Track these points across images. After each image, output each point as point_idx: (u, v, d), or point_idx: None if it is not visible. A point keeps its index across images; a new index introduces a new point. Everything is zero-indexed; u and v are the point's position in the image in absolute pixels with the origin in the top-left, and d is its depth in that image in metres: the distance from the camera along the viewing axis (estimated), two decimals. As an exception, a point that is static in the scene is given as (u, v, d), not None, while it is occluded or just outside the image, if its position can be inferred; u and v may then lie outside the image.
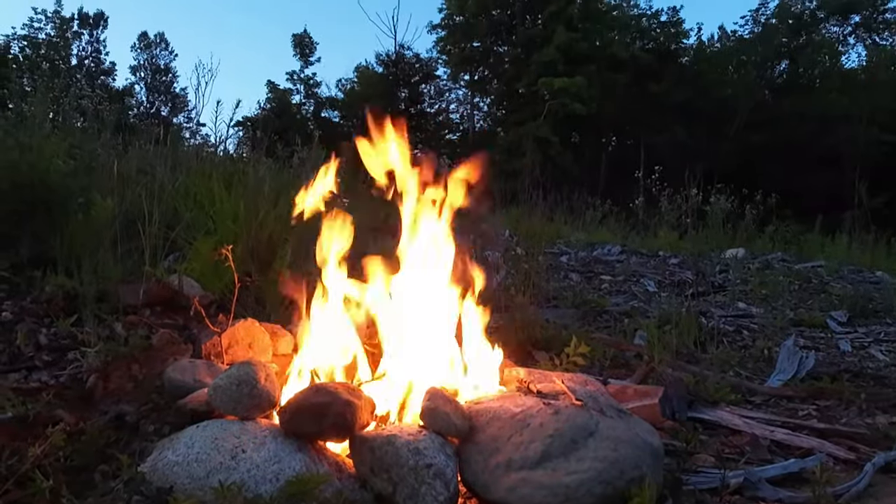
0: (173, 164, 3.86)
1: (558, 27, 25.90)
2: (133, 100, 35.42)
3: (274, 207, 3.54)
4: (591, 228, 10.14)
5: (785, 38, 27.89)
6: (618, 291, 5.68)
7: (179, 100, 37.18)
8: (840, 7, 27.92)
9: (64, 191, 2.87)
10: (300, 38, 33.56)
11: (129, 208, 3.11)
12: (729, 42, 30.03)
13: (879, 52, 28.06)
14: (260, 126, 11.82)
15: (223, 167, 4.45)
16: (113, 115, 4.26)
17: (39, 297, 2.77)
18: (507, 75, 28.79)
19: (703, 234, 8.90)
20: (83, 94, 4.14)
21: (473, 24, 28.89)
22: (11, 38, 31.96)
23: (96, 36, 36.53)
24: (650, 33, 29.43)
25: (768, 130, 23.98)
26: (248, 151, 6.31)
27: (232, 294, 2.47)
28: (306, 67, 33.88)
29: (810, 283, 6.26)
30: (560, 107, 23.91)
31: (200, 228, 3.42)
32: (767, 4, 28.99)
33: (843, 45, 29.42)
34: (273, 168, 4.65)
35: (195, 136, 22.69)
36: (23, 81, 4.79)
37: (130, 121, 12.32)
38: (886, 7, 27.86)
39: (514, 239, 7.13)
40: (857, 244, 8.88)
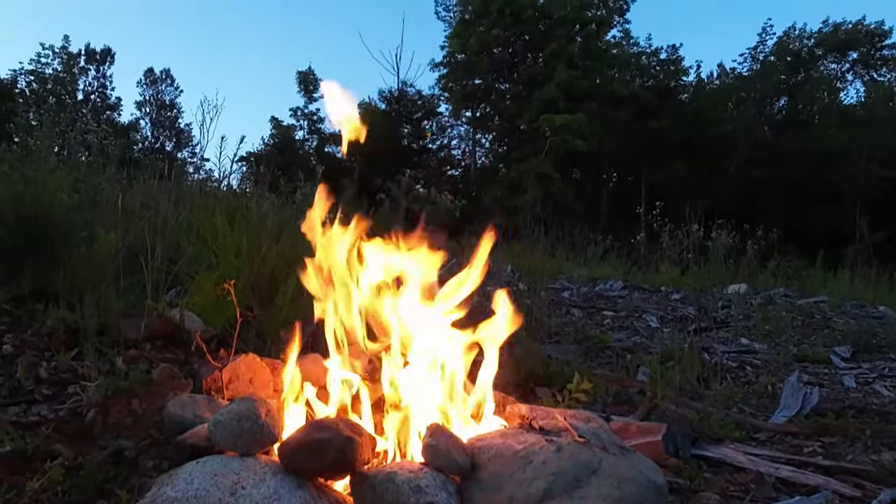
0: (177, 198, 3.88)
1: (559, 65, 26.19)
2: (138, 135, 35.75)
3: (276, 242, 3.55)
4: (593, 264, 10.14)
5: (783, 75, 28.17)
6: (620, 327, 5.66)
7: (184, 135, 37.52)
8: (838, 44, 28.24)
9: (67, 224, 2.89)
10: (304, 75, 33.93)
11: (133, 242, 3.12)
12: (728, 79, 30.32)
13: (878, 89, 28.30)
14: (263, 161, 11.88)
15: (226, 202, 4.47)
16: (118, 150, 4.30)
17: (41, 331, 2.77)
18: (509, 112, 29.02)
19: (704, 269, 8.91)
20: (89, 128, 4.18)
21: (475, 62, 29.20)
22: (19, 72, 32.43)
23: (103, 71, 36.98)
24: (650, 71, 29.73)
25: (769, 166, 24.09)
26: (252, 187, 6.34)
27: (233, 329, 2.47)
28: (310, 104, 34.20)
29: (813, 318, 6.24)
30: (561, 143, 24.05)
31: (203, 263, 3.43)
32: (765, 42, 29.36)
33: (842, 81, 29.71)
34: (276, 203, 4.67)
35: (199, 171, 22.72)
36: (29, 115, 4.85)
37: (135, 155, 12.41)
38: (883, 44, 28.18)
39: (517, 274, 7.14)
40: (859, 279, 8.85)
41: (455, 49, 29.80)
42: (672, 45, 29.64)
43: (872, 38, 28.12)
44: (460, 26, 29.98)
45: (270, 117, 33.97)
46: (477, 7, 28.47)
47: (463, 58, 29.73)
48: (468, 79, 30.09)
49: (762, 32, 29.37)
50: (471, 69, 29.59)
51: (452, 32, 30.40)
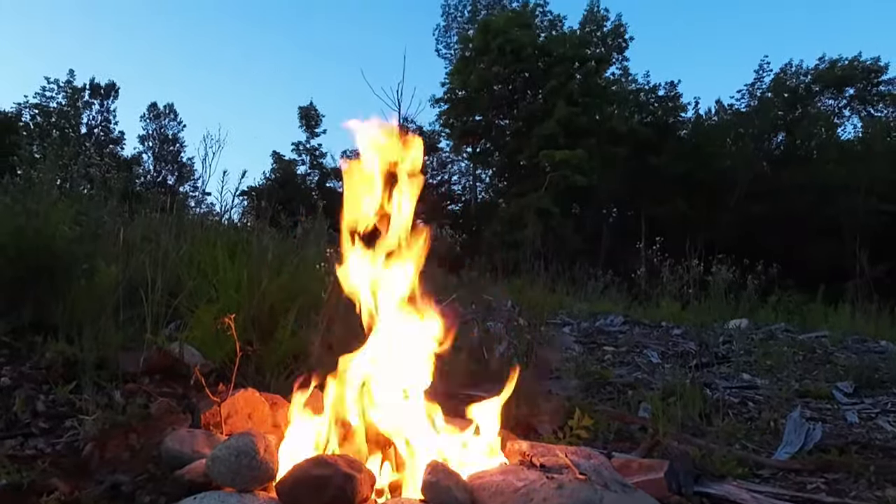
0: (178, 232, 3.89)
1: (559, 102, 26.45)
2: (140, 168, 35.97)
3: (277, 276, 3.56)
4: (594, 299, 10.12)
5: (781, 111, 28.42)
6: (621, 363, 5.63)
7: (186, 169, 37.74)
8: (834, 80, 28.54)
9: (68, 257, 2.89)
10: (306, 110, 34.27)
11: (133, 275, 3.12)
12: (726, 115, 30.59)
13: (875, 124, 28.53)
14: (265, 196, 11.92)
15: (227, 236, 4.48)
16: (120, 183, 4.32)
17: (39, 363, 2.76)
18: (509, 148, 29.24)
19: (705, 304, 8.89)
20: (92, 162, 4.21)
21: (475, 99, 29.50)
22: (23, 105, 32.74)
23: (107, 106, 37.31)
24: (648, 107, 30.02)
25: (768, 201, 24.18)
26: (253, 221, 6.36)
27: (232, 363, 2.46)
28: (312, 139, 34.50)
29: (815, 353, 6.21)
30: (561, 179, 24.19)
31: (203, 296, 3.42)
32: (763, 79, 29.68)
33: (839, 117, 29.97)
34: (276, 237, 4.68)
35: (200, 204, 22.83)
36: (32, 148, 4.88)
37: (137, 189, 12.47)
38: (880, 80, 28.48)
39: (517, 309, 7.12)
40: (860, 314, 8.83)
41: (456, 86, 30.13)
42: (670, 82, 30.03)
43: (869, 75, 28.42)
44: (461, 63, 30.37)
45: (272, 152, 34.27)
46: (477, 45, 28.87)
47: (463, 94, 30.05)
48: (469, 115, 30.37)
49: (759, 69, 29.75)
50: (471, 105, 29.89)
51: (453, 69, 30.80)
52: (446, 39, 36.58)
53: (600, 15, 30.10)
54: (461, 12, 36.29)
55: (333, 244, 5.21)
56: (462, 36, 33.25)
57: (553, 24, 31.57)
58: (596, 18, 30.15)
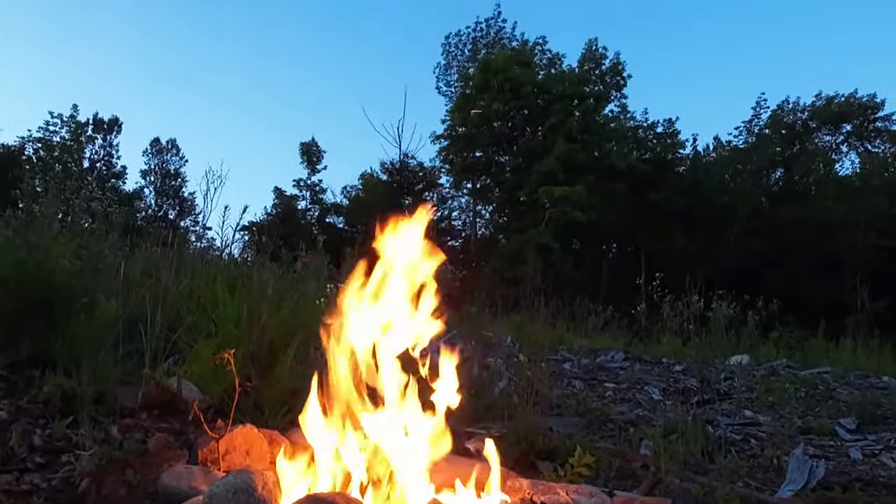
0: (178, 266, 3.90)
1: (558, 138, 26.64)
2: (142, 203, 36.10)
3: (276, 312, 3.55)
4: (594, 335, 10.09)
5: (779, 148, 28.61)
6: (622, 399, 5.60)
7: (187, 204, 37.89)
8: (831, 117, 28.79)
9: (68, 291, 2.89)
10: (308, 146, 34.52)
11: (133, 310, 3.12)
12: (724, 151, 30.76)
13: (872, 159, 28.70)
14: (265, 231, 11.98)
15: (227, 271, 4.49)
16: (121, 218, 4.34)
17: (37, 397, 2.74)
18: (509, 184, 29.38)
19: (706, 340, 8.87)
20: (93, 196, 4.23)
21: (475, 135, 29.71)
22: (27, 139, 32.91)
23: (109, 140, 37.52)
24: (647, 144, 30.22)
25: (768, 237, 24.23)
26: (253, 255, 6.37)
27: (231, 398, 2.45)
28: (313, 174, 34.69)
29: (817, 389, 6.18)
30: (561, 214, 24.27)
31: (202, 331, 3.42)
32: (760, 115, 29.92)
33: (837, 153, 30.17)
34: (277, 272, 4.68)
35: (201, 239, 22.85)
36: (35, 182, 4.92)
37: (138, 223, 12.51)
38: (876, 116, 28.72)
39: (517, 345, 7.09)
40: (861, 349, 8.80)
41: (456, 122, 30.39)
42: (668, 119, 30.25)
43: (865, 111, 28.67)
44: (461, 100, 30.68)
45: (274, 187, 34.46)
46: (477, 82, 29.19)
47: (464, 131, 30.29)
48: (469, 151, 30.57)
49: (756, 106, 30.02)
50: (471, 142, 30.11)
51: (453, 106, 31.09)
52: (447, 77, 37.02)
53: (598, 53, 30.47)
54: (461, 51, 36.77)
55: (333, 280, 5.22)
56: (462, 74, 33.64)
57: (552, 62, 31.96)
58: (594, 57, 30.51)
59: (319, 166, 34.70)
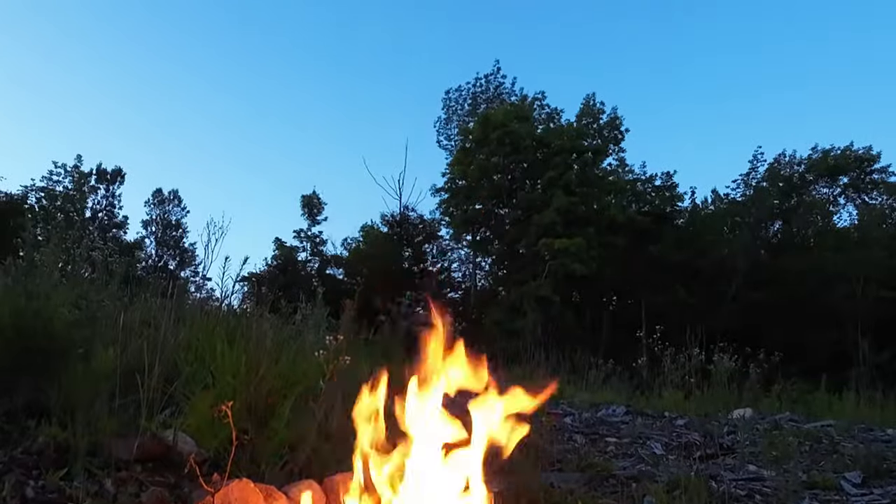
0: (177, 317, 3.89)
1: (557, 191, 26.82)
2: (142, 253, 36.13)
3: (275, 364, 3.53)
4: (595, 388, 10.00)
5: (777, 200, 28.78)
6: (624, 454, 5.52)
7: (188, 254, 37.95)
8: (828, 169, 29.04)
9: (66, 340, 2.88)
10: (309, 198, 34.71)
11: (130, 360, 3.10)
12: (722, 204, 30.91)
13: (870, 211, 28.84)
14: (265, 282, 11.99)
15: (226, 322, 4.48)
16: (121, 268, 4.35)
17: (31, 448, 2.71)
18: (509, 236, 29.48)
19: (708, 394, 8.80)
20: (94, 245, 4.25)
21: (475, 188, 29.92)
22: (30, 188, 33.06)
23: (112, 191, 37.74)
24: (646, 197, 30.39)
25: (768, 289, 24.20)
26: (252, 307, 6.37)
27: (227, 451, 2.42)
28: (313, 226, 34.79)
29: (821, 443, 6.09)
30: (560, 267, 24.29)
31: (199, 383, 3.39)
32: (757, 169, 30.15)
33: (834, 205, 30.33)
34: (276, 324, 4.67)
35: (201, 290, 22.72)
36: (36, 231, 4.95)
37: (138, 273, 12.50)
38: (873, 168, 28.97)
39: (517, 398, 7.02)
40: (865, 402, 8.72)
41: (456, 175, 30.67)
42: (666, 173, 30.46)
43: (861, 163, 28.94)
44: (461, 154, 31.01)
45: (274, 238, 34.51)
46: (477, 136, 29.55)
47: (463, 184, 30.53)
48: (469, 204, 30.76)
49: (753, 159, 30.26)
50: (471, 195, 30.32)
51: (453, 160, 31.41)
52: (447, 131, 37.52)
53: (596, 108, 30.87)
54: (461, 105, 37.34)
55: (332, 331, 5.20)
56: (462, 128, 34.08)
57: (551, 116, 32.36)
58: (592, 112, 30.91)
59: (320, 217, 34.87)
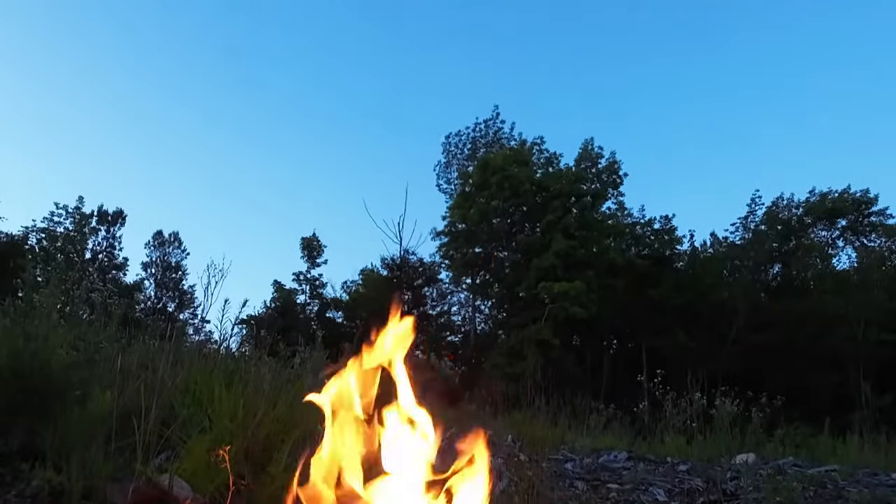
0: (175, 359, 3.87)
1: (556, 235, 26.93)
2: (142, 295, 36.04)
3: (273, 408, 3.51)
4: (596, 433, 9.90)
5: (776, 243, 28.90)
6: (626, 501, 5.43)
7: (187, 296, 37.88)
8: (826, 212, 29.21)
9: (63, 381, 2.87)
10: (308, 240, 34.79)
11: (127, 403, 3.08)
12: (721, 248, 31.00)
13: (869, 254, 28.92)
14: (264, 325, 11.95)
15: (224, 365, 4.46)
16: (120, 309, 4.34)
17: (25, 491, 2.67)
18: (508, 279, 29.51)
19: (710, 438, 8.71)
20: (94, 287, 4.25)
21: (475, 232, 30.06)
22: (31, 229, 33.08)
23: (112, 232, 37.80)
24: (645, 240, 30.52)
25: (768, 332, 24.13)
26: (251, 350, 6.35)
27: (223, 497, 2.39)
28: (313, 269, 34.81)
29: (825, 488, 6.00)
30: (560, 310, 24.26)
31: (196, 426, 3.36)
32: (755, 212, 30.33)
33: (833, 248, 30.46)
34: (274, 367, 4.65)
35: (199, 332, 22.62)
36: (36, 272, 4.95)
37: (137, 315, 12.48)
38: (870, 211, 29.14)
39: (517, 444, 6.95)
40: (869, 446, 8.63)
41: (456, 219, 30.81)
42: (665, 216, 30.64)
43: (859, 206, 29.13)
44: (461, 198, 31.20)
45: (273, 281, 34.46)
46: (476, 180, 29.77)
47: (463, 227, 30.67)
48: (468, 247, 30.85)
49: (751, 202, 30.47)
50: (471, 238, 30.44)
51: (453, 203, 31.59)
52: (447, 175, 37.82)
53: (595, 153, 31.19)
54: (461, 150, 37.70)
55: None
56: (462, 172, 34.35)
57: (549, 161, 32.65)
58: (591, 156, 31.21)
59: (320, 260, 34.91)
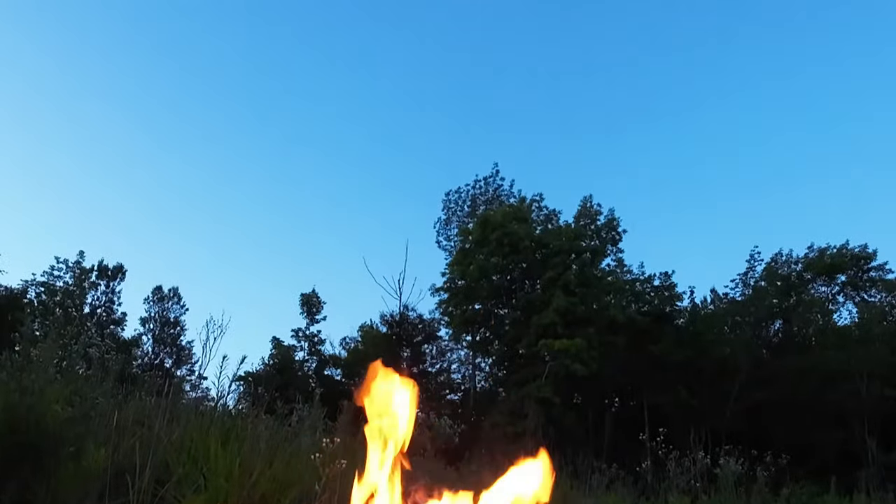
0: (171, 416, 3.84)
1: (556, 292, 26.86)
2: (139, 350, 35.74)
3: (269, 466, 3.47)
4: (599, 494, 9.72)
5: (776, 299, 28.85)
6: (629, 560, 5.32)
7: (185, 352, 37.55)
8: (825, 268, 29.25)
9: (58, 437, 2.83)
10: (308, 297, 34.66)
11: (122, 460, 3.04)
12: (721, 304, 30.93)
13: (870, 309, 28.83)
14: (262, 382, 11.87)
15: (221, 422, 4.41)
16: (117, 365, 4.32)
17: (13, 552, 2.62)
18: (508, 337, 29.32)
19: (715, 498, 8.56)
20: (92, 342, 4.24)
21: (475, 288, 29.95)
22: (30, 283, 32.90)
23: (112, 287, 37.59)
24: (645, 297, 30.44)
25: (771, 388, 23.94)
26: (248, 407, 6.29)
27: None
28: (312, 325, 34.57)
29: (835, 551, 5.89)
30: (561, 367, 24.05)
31: (191, 485, 3.31)
32: (755, 268, 30.35)
33: (833, 303, 30.40)
34: (271, 425, 4.61)
35: (196, 389, 22.46)
36: (34, 326, 4.93)
37: (133, 370, 12.37)
38: (870, 266, 29.18)
39: None
40: None
41: (455, 275, 30.79)
42: (664, 273, 30.59)
43: (858, 261, 29.19)
44: (460, 254, 31.25)
45: (272, 337, 34.19)
46: (476, 237, 29.88)
47: (463, 284, 30.62)
48: (468, 304, 30.74)
49: (750, 258, 30.52)
50: (471, 294, 30.36)
51: (453, 260, 31.61)
52: (447, 232, 37.92)
53: (594, 210, 31.36)
54: (461, 206, 37.91)
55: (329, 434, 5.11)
56: (462, 229, 34.47)
57: (549, 218, 32.79)
58: (590, 213, 31.37)
59: (319, 317, 34.73)
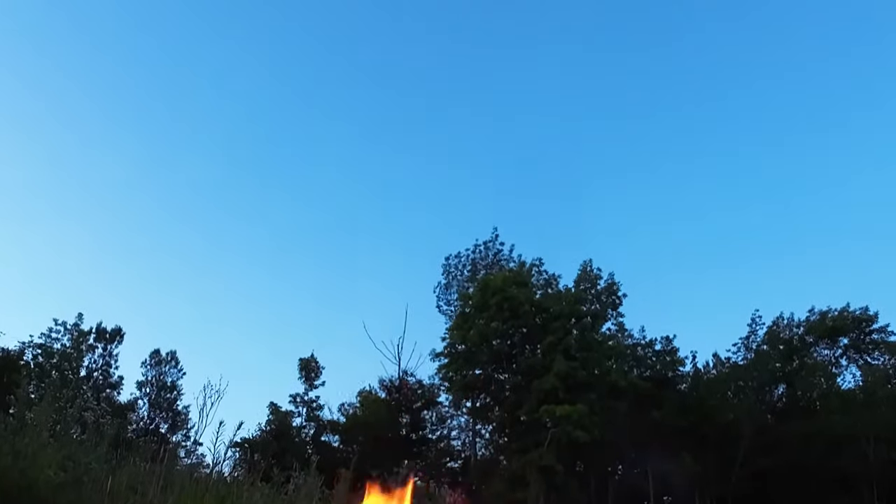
0: (166, 483, 3.77)
1: (557, 356, 26.69)
2: (134, 414, 35.21)
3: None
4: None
5: (778, 363, 28.65)
6: None
7: (181, 417, 36.99)
8: (827, 331, 29.14)
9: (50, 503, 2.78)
10: (306, 362, 34.34)
11: (113, 528, 2.97)
12: (724, 368, 30.68)
13: (873, 372, 28.58)
14: (259, 448, 11.69)
15: (216, 489, 4.33)
16: (112, 429, 4.27)
17: None
18: (509, 402, 29.00)
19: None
20: (87, 406, 4.21)
21: (475, 353, 29.76)
22: (27, 345, 32.56)
23: (109, 350, 37.25)
24: (646, 361, 30.24)
25: (776, 453, 23.59)
26: (244, 474, 6.18)
27: None
28: (310, 390, 34.18)
29: None
30: (563, 434, 23.71)
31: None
32: (756, 332, 30.26)
33: (837, 366, 30.19)
34: (267, 493, 4.53)
35: (191, 455, 22.01)
36: (30, 388, 4.89)
37: (128, 435, 12.19)
38: (872, 328, 29.03)
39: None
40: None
41: (455, 340, 30.63)
42: (666, 337, 30.48)
43: (860, 324, 29.10)
44: (460, 319, 31.15)
45: (269, 403, 33.75)
46: (476, 301, 29.84)
47: (463, 348, 30.44)
48: (468, 369, 30.51)
49: (752, 322, 30.45)
50: (471, 359, 30.16)
51: (453, 324, 31.50)
52: (447, 296, 37.88)
53: (594, 274, 31.43)
54: (461, 271, 37.97)
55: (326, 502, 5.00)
56: (462, 293, 34.43)
57: (549, 282, 32.84)
58: (589, 277, 31.43)
59: (317, 382, 34.34)
